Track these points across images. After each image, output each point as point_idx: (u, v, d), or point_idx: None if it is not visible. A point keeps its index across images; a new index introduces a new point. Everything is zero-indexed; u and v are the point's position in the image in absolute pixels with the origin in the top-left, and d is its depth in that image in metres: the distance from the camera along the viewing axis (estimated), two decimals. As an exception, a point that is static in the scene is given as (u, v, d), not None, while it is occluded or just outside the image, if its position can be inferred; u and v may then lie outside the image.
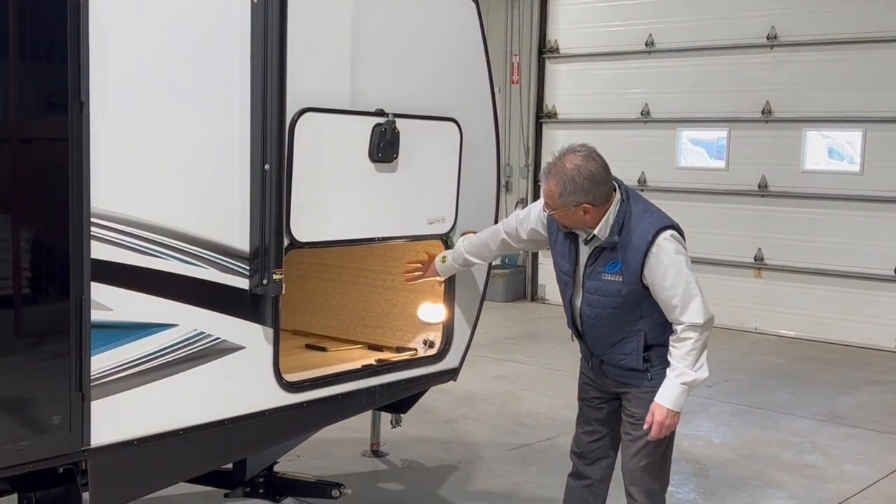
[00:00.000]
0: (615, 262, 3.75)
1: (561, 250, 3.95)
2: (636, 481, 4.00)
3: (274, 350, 3.82)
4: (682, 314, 3.72)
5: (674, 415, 3.80)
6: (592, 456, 4.19)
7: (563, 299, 4.06)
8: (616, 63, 11.87)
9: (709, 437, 6.95)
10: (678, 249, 3.73)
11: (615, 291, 3.77)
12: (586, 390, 4.19)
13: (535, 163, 12.73)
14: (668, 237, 3.72)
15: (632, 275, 3.72)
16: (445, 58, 4.49)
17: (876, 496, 5.83)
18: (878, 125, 10.11)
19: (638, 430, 3.93)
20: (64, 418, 3.22)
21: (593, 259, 3.81)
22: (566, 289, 3.97)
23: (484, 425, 7.03)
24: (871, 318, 10.28)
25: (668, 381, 3.79)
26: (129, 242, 3.32)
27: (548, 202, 3.76)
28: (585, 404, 4.21)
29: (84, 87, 3.15)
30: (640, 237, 3.70)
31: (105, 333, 3.28)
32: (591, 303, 3.85)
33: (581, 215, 3.72)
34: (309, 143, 3.77)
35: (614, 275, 3.75)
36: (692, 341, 3.73)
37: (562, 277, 3.98)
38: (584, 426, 4.21)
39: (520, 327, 10.71)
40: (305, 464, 5.83)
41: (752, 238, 10.93)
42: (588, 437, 4.19)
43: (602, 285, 3.80)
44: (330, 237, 4.04)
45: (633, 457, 3.99)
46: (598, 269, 3.79)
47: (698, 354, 3.75)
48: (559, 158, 3.72)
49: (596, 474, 4.20)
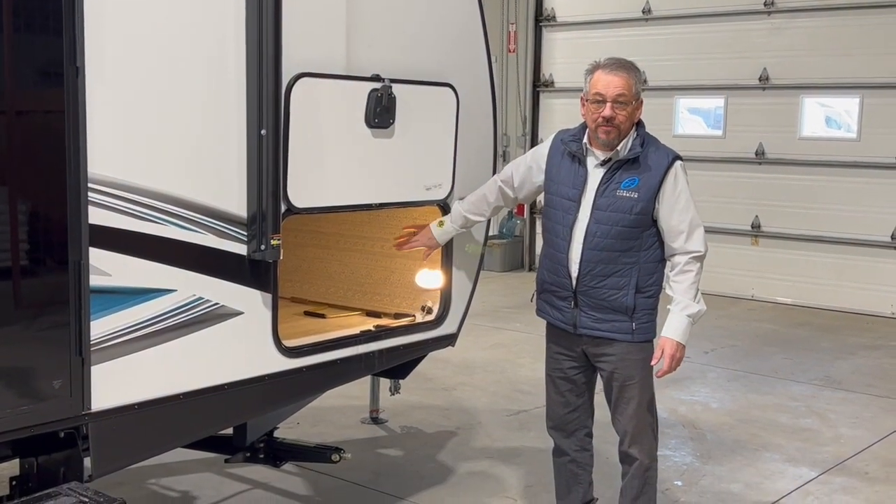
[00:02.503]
0: (632, 179, 3.88)
1: (566, 176, 3.99)
2: (637, 441, 4.04)
3: (273, 315, 3.83)
4: (688, 241, 3.88)
5: (682, 348, 3.92)
6: (570, 427, 4.22)
7: (553, 234, 4.03)
8: (613, 31, 11.82)
9: (706, 402, 7.00)
10: (688, 180, 3.94)
11: (628, 208, 3.86)
12: (557, 361, 4.18)
13: (533, 132, 12.71)
14: (682, 166, 3.94)
15: (648, 191, 3.85)
16: (442, 23, 4.47)
17: (871, 459, 5.88)
18: (876, 91, 10.10)
19: (632, 390, 3.99)
20: (64, 383, 3.24)
21: (608, 177, 3.90)
22: (567, 215, 3.96)
23: (482, 392, 7.07)
24: (868, 285, 10.32)
25: (675, 315, 3.90)
26: (127, 208, 3.32)
27: (623, 94, 3.83)
28: (558, 376, 4.20)
29: (80, 51, 3.13)
30: (660, 158, 3.90)
31: (104, 298, 3.29)
32: (601, 219, 3.88)
33: (637, 113, 3.91)
34: (305, 108, 3.76)
35: (630, 191, 3.87)
36: (694, 274, 3.88)
37: (563, 205, 3.98)
38: (557, 398, 4.22)
39: (517, 296, 10.74)
40: (305, 431, 5.87)
41: (749, 206, 10.95)
42: (563, 408, 4.21)
43: (615, 201, 3.87)
44: (327, 203, 4.04)
45: (631, 419, 4.03)
46: (612, 186, 3.89)
47: (698, 287, 3.92)
48: (615, 59, 3.90)
49: (574, 446, 4.23)
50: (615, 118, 3.83)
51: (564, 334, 4.11)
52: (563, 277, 4.01)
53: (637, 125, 3.94)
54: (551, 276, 4.07)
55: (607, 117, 3.83)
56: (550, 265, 4.07)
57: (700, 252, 3.90)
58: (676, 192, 3.88)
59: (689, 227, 3.88)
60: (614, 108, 3.83)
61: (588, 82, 3.94)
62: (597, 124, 3.88)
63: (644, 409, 4.03)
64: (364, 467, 5.45)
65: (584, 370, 4.15)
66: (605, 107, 3.84)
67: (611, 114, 3.83)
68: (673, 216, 3.88)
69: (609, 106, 3.83)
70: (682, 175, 3.91)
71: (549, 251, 4.08)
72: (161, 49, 3.39)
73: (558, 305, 4.09)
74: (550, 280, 4.08)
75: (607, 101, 3.84)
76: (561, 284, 4.04)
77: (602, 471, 4.42)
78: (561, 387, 4.20)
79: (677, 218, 3.88)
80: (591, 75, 3.92)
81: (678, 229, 3.88)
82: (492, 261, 11.94)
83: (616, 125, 3.85)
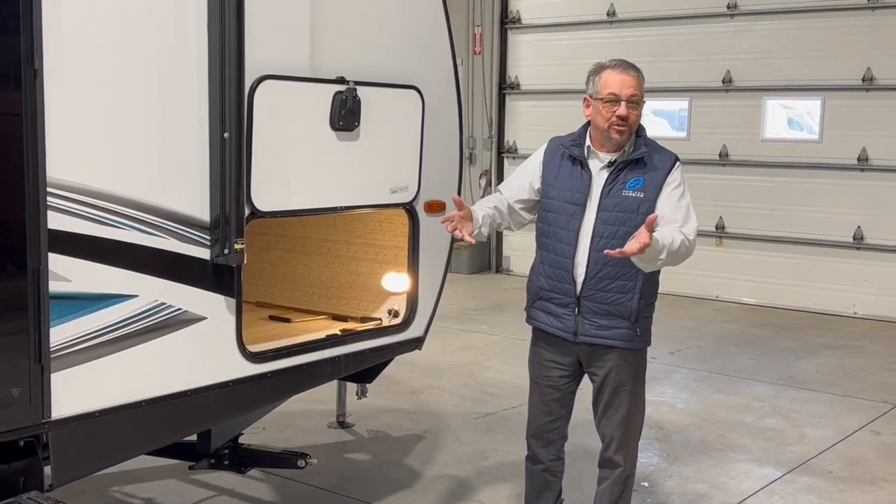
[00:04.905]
0: (637, 179, 3.88)
1: (567, 181, 3.95)
2: (623, 447, 4.03)
3: (237, 320, 3.79)
4: (682, 227, 3.82)
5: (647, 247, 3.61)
6: (550, 437, 4.17)
7: (556, 239, 3.93)
8: (578, 33, 11.87)
9: (672, 403, 7.03)
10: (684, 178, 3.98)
11: (634, 207, 3.84)
12: (547, 369, 4.10)
13: (499, 134, 12.73)
14: (681, 165, 3.99)
15: (654, 190, 3.86)
16: (407, 25, 4.45)
17: (835, 458, 5.93)
18: (837, 93, 10.21)
19: (622, 396, 3.97)
20: (23, 391, 3.18)
21: (613, 178, 3.89)
22: (571, 219, 3.90)
23: (450, 395, 7.06)
24: (831, 285, 10.43)
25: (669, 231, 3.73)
26: (87, 212, 3.27)
27: (636, 94, 3.86)
28: (545, 384, 4.12)
29: (38, 53, 3.08)
30: (663, 158, 3.94)
31: (64, 305, 3.24)
32: (608, 220, 3.86)
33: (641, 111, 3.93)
34: (268, 110, 3.72)
35: (636, 191, 3.87)
36: (682, 238, 3.75)
37: (566, 209, 3.92)
38: (542, 406, 4.15)
39: (485, 298, 10.75)
40: (271, 436, 5.82)
41: (713, 207, 11.02)
42: (545, 417, 4.14)
43: (622, 201, 3.86)
44: (291, 206, 4.00)
45: (619, 425, 4.01)
46: (617, 187, 3.88)
47: (678, 245, 3.71)
48: (621, 60, 3.93)
49: (550, 455, 4.19)
50: (629, 117, 3.84)
51: (560, 342, 4.02)
52: (565, 283, 3.93)
53: (639, 128, 3.96)
54: (551, 283, 3.98)
55: (623, 116, 3.83)
56: (550, 271, 3.98)
57: (690, 237, 3.80)
58: (678, 186, 3.89)
59: (685, 216, 3.84)
60: (628, 107, 3.84)
61: (596, 83, 3.90)
62: (610, 123, 3.85)
63: (633, 416, 4.02)
64: (331, 472, 5.41)
65: (573, 379, 4.10)
66: (620, 106, 3.83)
67: (626, 112, 3.83)
68: (671, 209, 3.84)
69: (624, 105, 3.83)
70: (681, 175, 3.94)
71: (550, 257, 3.98)
72: (122, 51, 3.34)
73: (558, 313, 3.99)
74: (550, 287, 3.99)
75: (622, 101, 3.84)
76: (563, 291, 3.95)
77: (568, 472, 4.41)
78: (547, 395, 4.12)
79: (676, 206, 3.85)
80: (598, 76, 3.90)
81: (674, 217, 3.83)
82: (459, 263, 11.94)
83: (630, 125, 3.86)
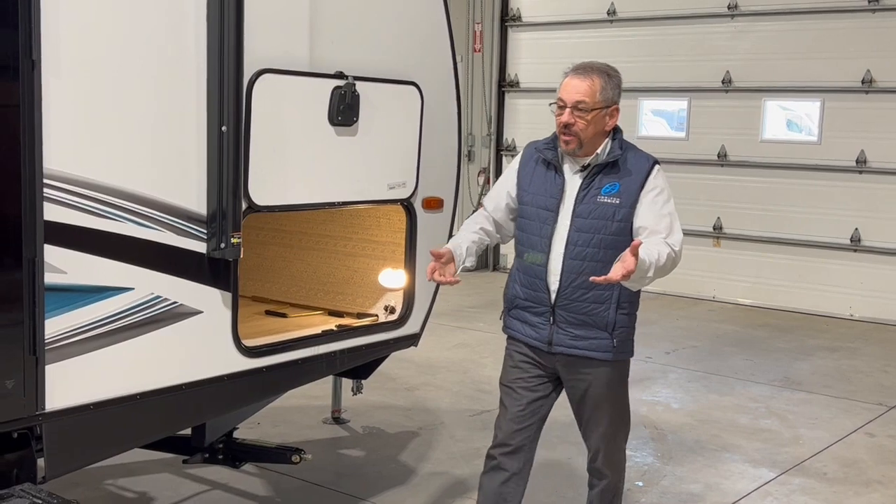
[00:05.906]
0: (613, 184, 3.68)
1: (541, 186, 3.78)
2: (609, 459, 3.92)
3: (232, 314, 3.78)
4: (668, 238, 3.62)
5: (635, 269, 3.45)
6: (517, 443, 3.89)
7: (529, 246, 3.78)
8: (578, 32, 11.85)
9: (667, 403, 7.03)
10: (668, 185, 3.75)
11: (610, 214, 3.66)
12: (524, 369, 3.88)
13: (498, 132, 12.72)
14: (661, 169, 3.75)
15: (630, 196, 3.66)
16: (407, 22, 4.44)
17: (830, 459, 5.94)
18: (837, 94, 10.21)
19: (605, 409, 3.84)
20: (18, 382, 3.17)
21: (587, 183, 3.70)
22: (544, 225, 3.73)
23: (445, 392, 7.05)
24: (827, 287, 10.43)
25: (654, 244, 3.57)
26: (84, 204, 3.26)
27: (584, 101, 3.61)
28: (521, 386, 3.89)
29: (36, 45, 3.07)
30: (640, 162, 3.71)
31: (59, 296, 3.23)
32: (582, 227, 3.67)
33: (605, 120, 3.67)
34: (267, 104, 3.71)
35: (611, 197, 3.67)
36: (668, 251, 3.58)
37: (539, 215, 3.76)
38: (514, 411, 3.89)
39: (481, 296, 10.73)
40: (265, 431, 5.82)
41: (711, 207, 11.03)
42: (516, 424, 3.88)
43: (596, 208, 3.67)
44: (289, 201, 4.00)
45: (603, 437, 3.88)
46: (592, 192, 3.69)
47: (664, 260, 3.56)
48: (587, 63, 3.70)
49: (516, 465, 3.91)
50: (573, 125, 3.62)
51: (535, 351, 3.86)
52: (540, 292, 3.76)
53: (614, 131, 3.73)
54: (526, 292, 3.81)
55: (566, 123, 3.63)
56: (525, 279, 3.81)
57: (676, 248, 3.62)
58: (658, 191, 3.67)
59: (669, 224, 3.66)
60: (575, 114, 3.61)
61: None
62: (558, 131, 3.70)
63: (617, 428, 3.90)
64: (325, 468, 5.41)
65: (549, 381, 3.90)
66: (564, 112, 3.63)
67: (569, 120, 3.62)
68: (653, 217, 3.65)
69: (568, 112, 3.62)
70: (661, 177, 3.71)
71: (525, 265, 3.81)
72: (120, 43, 3.33)
73: (532, 322, 3.83)
74: (525, 295, 3.82)
75: (567, 107, 3.63)
76: (537, 300, 3.78)
77: (564, 471, 4.40)
78: (522, 398, 3.88)
79: (658, 215, 3.65)
80: (562, 80, 3.74)
81: (658, 226, 3.64)
82: (456, 260, 11.91)
83: (575, 133, 3.63)
